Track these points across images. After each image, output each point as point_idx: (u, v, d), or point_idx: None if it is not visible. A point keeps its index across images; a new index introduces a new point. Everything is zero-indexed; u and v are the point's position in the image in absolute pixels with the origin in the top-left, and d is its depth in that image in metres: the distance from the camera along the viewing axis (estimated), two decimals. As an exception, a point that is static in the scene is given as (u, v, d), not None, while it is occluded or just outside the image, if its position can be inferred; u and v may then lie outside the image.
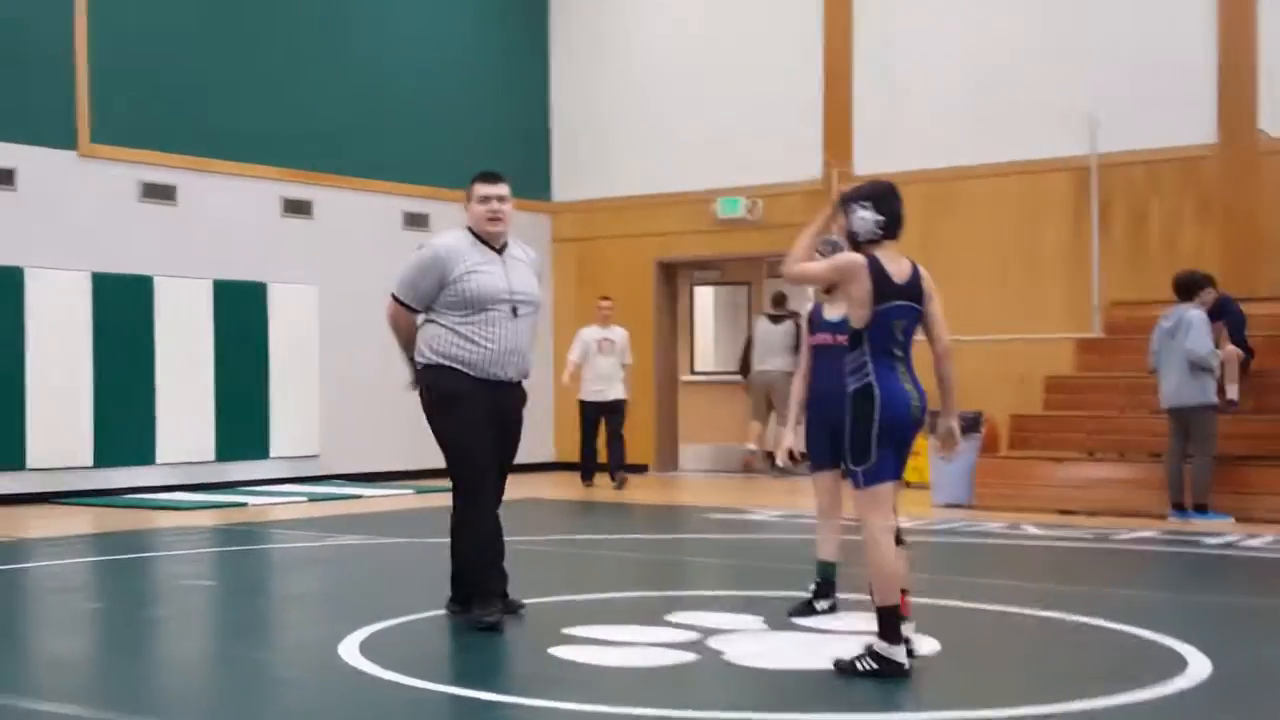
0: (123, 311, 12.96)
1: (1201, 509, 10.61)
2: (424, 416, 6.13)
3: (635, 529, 10.87)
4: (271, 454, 14.13)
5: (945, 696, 4.96)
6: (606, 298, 14.21)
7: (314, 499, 12.62)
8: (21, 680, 5.17)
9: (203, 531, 10.13)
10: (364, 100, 15.17)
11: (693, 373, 16.65)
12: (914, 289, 5.17)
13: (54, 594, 7.41)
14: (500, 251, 6.11)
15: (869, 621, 5.86)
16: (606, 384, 13.79)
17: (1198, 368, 10.56)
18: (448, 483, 6.22)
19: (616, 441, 13.91)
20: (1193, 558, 8.86)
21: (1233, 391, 10.92)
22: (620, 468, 13.89)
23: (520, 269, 6.16)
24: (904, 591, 5.17)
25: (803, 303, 13.08)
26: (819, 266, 5.37)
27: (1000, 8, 14.20)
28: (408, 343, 6.19)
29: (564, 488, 14.07)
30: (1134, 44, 13.38)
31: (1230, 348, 10.96)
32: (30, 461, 12.34)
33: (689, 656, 5.34)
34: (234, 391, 13.78)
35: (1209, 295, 10.90)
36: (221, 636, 6.32)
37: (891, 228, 5.18)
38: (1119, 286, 13.32)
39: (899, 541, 5.27)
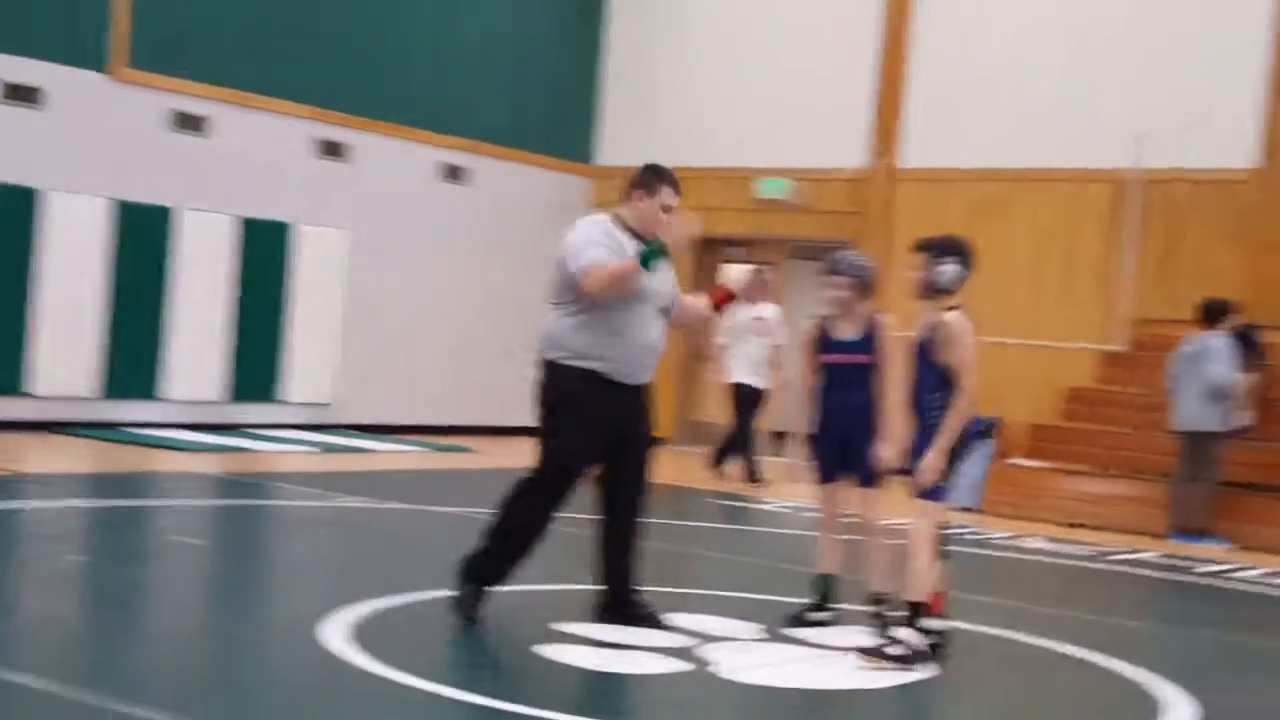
0: (142, 241, 12.82)
1: (1201, 533, 10.71)
2: (537, 404, 5.85)
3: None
4: (283, 399, 14.04)
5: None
6: (759, 268, 12.90)
7: (323, 450, 12.60)
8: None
9: (203, 479, 10.06)
10: (409, 46, 15.03)
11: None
12: None
13: (40, 542, 7.33)
14: None
15: (867, 636, 5.99)
16: (760, 368, 12.29)
17: (1215, 394, 10.62)
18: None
19: (750, 431, 12.52)
20: (1187, 586, 8.93)
21: (1245, 418, 11.02)
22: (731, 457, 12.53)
23: (666, 267, 5.92)
24: (939, 593, 5.72)
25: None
26: (968, 350, 5.63)
27: (1058, 17, 14.11)
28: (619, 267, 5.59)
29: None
30: (1185, 64, 13.31)
31: (1246, 375, 11.00)
32: (36, 388, 12.23)
33: (679, 665, 5.33)
34: (251, 333, 13.67)
35: (1232, 322, 10.95)
36: (201, 606, 6.23)
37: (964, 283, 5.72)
38: (1149, 303, 13.28)
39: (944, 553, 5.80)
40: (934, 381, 5.68)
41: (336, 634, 5.34)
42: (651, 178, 5.86)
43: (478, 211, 15.68)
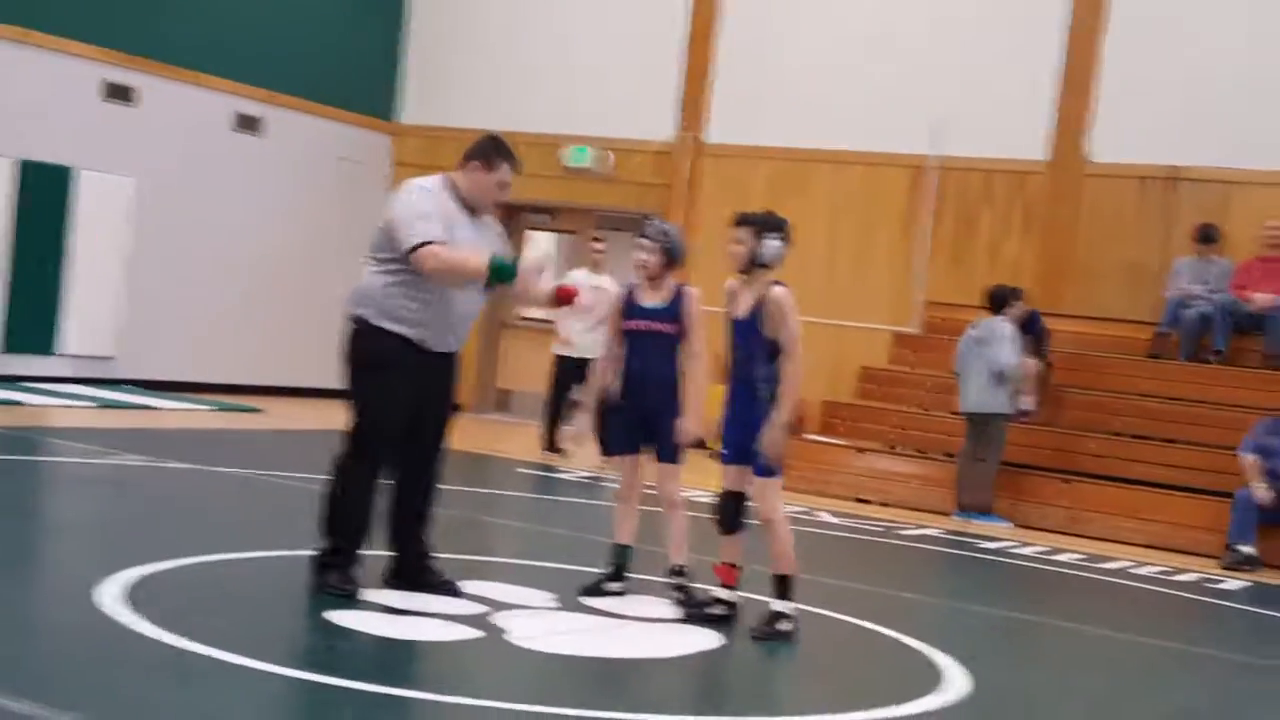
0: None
1: (984, 512, 11.08)
2: (342, 362, 5.66)
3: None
4: (61, 351, 13.42)
5: (707, 700, 5.09)
6: (600, 238, 12.70)
7: (102, 405, 12.09)
8: None
9: (-31, 432, 9.60)
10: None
11: (521, 318, 16.58)
12: None
13: None
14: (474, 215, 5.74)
15: (660, 607, 6.02)
16: (592, 338, 11.84)
17: (1000, 378, 10.98)
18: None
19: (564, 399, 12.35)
20: (969, 561, 9.24)
21: (1028, 402, 11.44)
22: None
23: (494, 239, 5.79)
24: (735, 566, 5.92)
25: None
26: (798, 325, 5.79)
27: (863, 2, 14.37)
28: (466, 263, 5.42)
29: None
30: (983, 56, 13.73)
31: (1030, 360, 11.43)
32: None
33: (472, 633, 5.26)
34: (28, 282, 13.01)
35: (1018, 309, 11.33)
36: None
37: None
38: (941, 287, 13.69)
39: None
40: (763, 356, 5.75)
41: (114, 598, 5.08)
42: (492, 152, 5.71)
43: (272, 163, 15.22)
